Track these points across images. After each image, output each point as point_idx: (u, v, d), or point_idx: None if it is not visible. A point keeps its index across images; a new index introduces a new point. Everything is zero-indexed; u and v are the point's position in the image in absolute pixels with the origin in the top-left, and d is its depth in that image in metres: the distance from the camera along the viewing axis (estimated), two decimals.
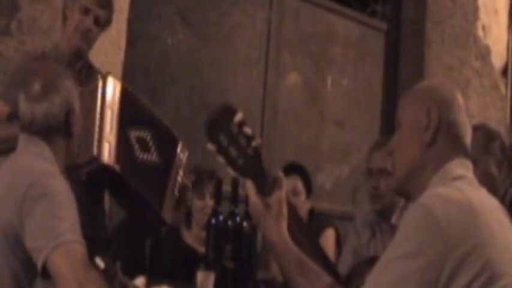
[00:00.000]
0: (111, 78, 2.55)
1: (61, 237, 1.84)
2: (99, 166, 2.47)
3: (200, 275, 2.26)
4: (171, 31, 4.04)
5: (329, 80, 4.81)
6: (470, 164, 1.62)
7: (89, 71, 2.82)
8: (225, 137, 1.65)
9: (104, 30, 2.86)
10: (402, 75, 5.08)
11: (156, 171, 2.67)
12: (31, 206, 1.89)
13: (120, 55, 3.55)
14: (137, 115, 2.64)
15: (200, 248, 3.15)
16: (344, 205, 4.75)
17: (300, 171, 3.73)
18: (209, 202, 3.19)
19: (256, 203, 1.68)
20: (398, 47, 5.13)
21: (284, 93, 4.55)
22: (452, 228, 1.43)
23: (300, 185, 3.68)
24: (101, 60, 3.09)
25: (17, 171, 2.00)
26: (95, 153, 2.43)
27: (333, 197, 4.75)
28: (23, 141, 2.08)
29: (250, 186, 1.69)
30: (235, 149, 1.65)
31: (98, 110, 2.47)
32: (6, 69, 3.05)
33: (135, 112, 2.63)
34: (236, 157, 1.65)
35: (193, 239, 3.30)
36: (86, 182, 2.55)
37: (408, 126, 1.64)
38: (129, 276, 2.18)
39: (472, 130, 1.66)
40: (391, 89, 5.05)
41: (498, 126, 4.85)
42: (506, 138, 4.02)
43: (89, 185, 2.60)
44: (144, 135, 2.63)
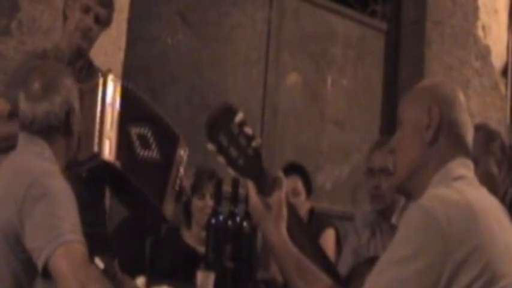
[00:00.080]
0: (112, 76, 2.55)
1: (62, 237, 1.84)
2: (99, 163, 2.47)
3: (200, 275, 2.26)
4: (171, 31, 4.04)
5: (329, 80, 4.81)
6: (471, 163, 1.61)
7: (90, 69, 2.82)
8: (226, 137, 1.65)
9: (105, 29, 2.86)
10: (402, 75, 5.08)
11: (156, 168, 2.67)
12: (31, 206, 1.88)
13: (120, 55, 3.56)
14: (138, 112, 2.64)
15: (200, 248, 3.15)
16: (344, 205, 4.75)
17: (300, 171, 3.73)
18: (209, 202, 3.19)
19: (256, 203, 1.68)
20: (398, 47, 5.13)
21: (284, 93, 4.55)
22: (452, 229, 1.42)
23: (300, 185, 3.68)
24: (101, 60, 3.09)
25: (17, 170, 2.00)
26: (95, 150, 2.43)
27: (333, 197, 4.75)
28: (23, 140, 2.07)
29: (251, 187, 1.69)
30: (236, 149, 1.65)
31: (99, 107, 2.47)
32: (6, 69, 3.05)
33: (136, 109, 2.63)
34: (236, 157, 1.65)
35: (193, 239, 3.30)
36: (87, 179, 2.55)
37: (409, 125, 1.64)
38: (129, 276, 2.18)
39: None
40: (391, 89, 5.05)
41: (498, 126, 4.85)
42: (506, 138, 4.02)
43: (90, 182, 2.60)
44: (145, 132, 2.63)
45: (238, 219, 2.36)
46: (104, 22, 2.81)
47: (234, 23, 4.32)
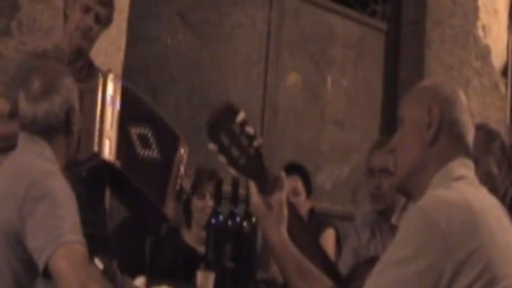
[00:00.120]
0: (112, 76, 2.55)
1: (62, 237, 1.84)
2: (99, 162, 2.47)
3: (200, 275, 2.26)
4: (171, 31, 4.04)
5: (329, 80, 4.81)
6: (471, 163, 1.61)
7: (90, 69, 2.83)
8: (227, 136, 1.65)
9: (105, 29, 2.86)
10: (402, 75, 5.08)
11: (157, 168, 2.67)
12: (32, 206, 1.88)
13: (120, 55, 3.55)
14: (138, 112, 2.64)
15: (200, 248, 3.15)
16: (344, 205, 4.75)
17: (300, 171, 3.73)
18: (209, 202, 3.19)
19: (258, 202, 1.68)
20: (398, 47, 5.13)
21: (284, 93, 4.55)
22: (452, 230, 1.42)
23: (300, 185, 3.68)
24: (101, 60, 3.09)
25: (17, 170, 2.00)
26: (95, 149, 2.43)
27: (333, 197, 4.75)
28: (23, 140, 2.07)
29: (252, 186, 1.69)
30: (237, 148, 1.65)
31: (99, 107, 2.48)
32: (6, 69, 3.05)
33: (136, 109, 2.63)
34: (238, 157, 1.65)
35: (193, 239, 3.30)
36: (87, 179, 2.55)
37: (410, 124, 1.64)
38: (129, 276, 2.18)
39: None
40: (391, 89, 5.05)
41: (498, 126, 4.85)
42: (506, 138, 4.02)
43: (90, 182, 2.60)
44: (145, 131, 2.63)
45: (238, 219, 2.36)
46: (104, 22, 2.82)
47: (234, 23, 4.32)
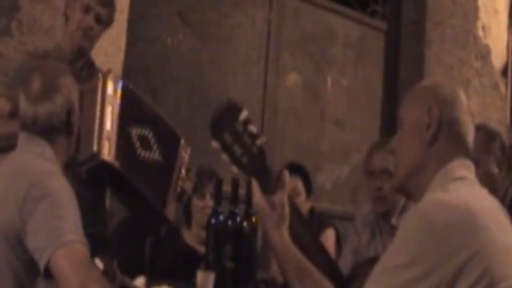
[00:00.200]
0: (112, 76, 2.55)
1: (63, 237, 1.84)
2: (99, 163, 2.46)
3: (200, 275, 2.26)
4: (171, 31, 4.04)
5: (329, 80, 4.81)
6: (471, 164, 1.61)
7: (90, 69, 2.82)
8: (230, 135, 1.64)
9: (106, 29, 2.86)
10: (402, 75, 5.08)
11: (158, 169, 2.66)
12: (32, 206, 1.88)
13: (120, 55, 3.55)
14: (138, 113, 2.64)
15: (200, 248, 3.15)
16: (344, 205, 4.75)
17: (300, 171, 3.73)
18: (209, 202, 3.19)
19: (261, 202, 1.68)
20: (398, 47, 5.13)
21: (284, 93, 4.55)
22: (451, 234, 1.42)
23: (300, 185, 3.68)
24: (101, 60, 3.09)
25: (17, 171, 2.00)
26: (95, 150, 2.43)
27: (333, 197, 4.75)
28: (24, 140, 2.07)
29: (255, 185, 1.68)
30: (240, 147, 1.65)
31: (99, 107, 2.47)
32: (6, 69, 3.05)
33: (137, 110, 2.63)
34: (240, 155, 1.65)
35: (193, 239, 3.30)
36: (87, 179, 2.55)
37: (410, 125, 1.64)
38: (129, 276, 2.18)
39: None
40: (391, 89, 5.05)
41: (498, 126, 4.85)
42: (506, 138, 4.02)
43: (90, 182, 2.60)
44: (146, 132, 2.62)
45: (238, 219, 2.35)
46: (105, 22, 2.82)
47: (234, 23, 4.32)
